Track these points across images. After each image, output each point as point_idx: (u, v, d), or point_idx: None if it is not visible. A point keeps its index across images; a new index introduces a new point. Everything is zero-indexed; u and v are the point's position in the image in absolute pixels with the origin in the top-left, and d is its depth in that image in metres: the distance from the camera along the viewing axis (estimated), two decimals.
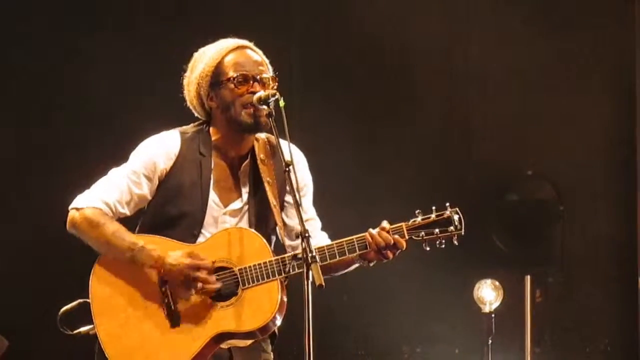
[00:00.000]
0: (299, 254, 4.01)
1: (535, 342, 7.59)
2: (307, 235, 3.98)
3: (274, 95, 4.23)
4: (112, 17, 7.65)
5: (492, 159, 7.85)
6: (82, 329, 4.34)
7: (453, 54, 8.01)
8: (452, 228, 4.29)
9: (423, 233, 4.28)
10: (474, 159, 7.95)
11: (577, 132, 7.76)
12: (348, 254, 4.27)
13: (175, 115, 4.55)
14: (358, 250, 4.27)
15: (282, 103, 4.20)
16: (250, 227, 4.37)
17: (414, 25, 7.78)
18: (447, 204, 4.31)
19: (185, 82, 4.46)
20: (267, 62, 4.41)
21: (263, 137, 4.48)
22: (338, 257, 4.25)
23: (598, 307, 7.72)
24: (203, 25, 6.91)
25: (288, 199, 4.45)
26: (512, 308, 7.51)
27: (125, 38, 7.52)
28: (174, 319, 4.24)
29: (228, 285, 4.26)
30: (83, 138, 7.39)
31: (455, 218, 4.30)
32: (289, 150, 4.15)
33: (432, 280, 7.45)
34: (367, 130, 7.89)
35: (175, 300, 4.26)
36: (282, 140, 4.25)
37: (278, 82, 4.36)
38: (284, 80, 4.44)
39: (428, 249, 4.31)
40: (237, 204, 4.40)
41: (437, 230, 4.28)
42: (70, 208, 4.34)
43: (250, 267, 4.25)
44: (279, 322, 4.28)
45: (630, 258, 7.56)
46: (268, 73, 4.37)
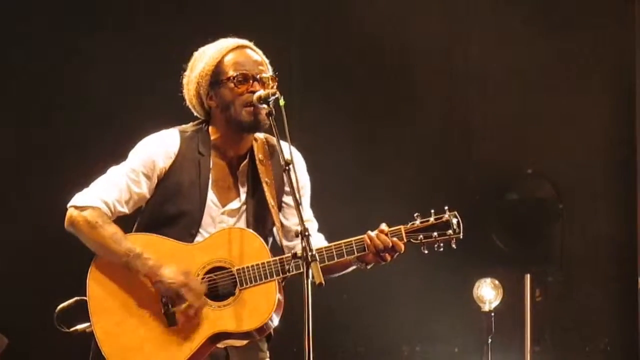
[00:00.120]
0: (299, 254, 4.00)
1: (535, 341, 7.59)
2: (307, 234, 3.97)
3: (274, 94, 4.23)
4: (112, 17, 7.65)
5: (492, 159, 7.85)
6: (78, 327, 4.33)
7: (453, 54, 8.01)
8: (450, 232, 4.29)
9: (421, 236, 4.28)
10: (474, 159, 7.95)
11: (577, 132, 7.76)
12: (346, 256, 4.26)
13: (175, 115, 4.55)
14: (356, 253, 4.27)
15: (282, 102, 4.20)
16: (248, 227, 4.36)
17: (414, 25, 7.78)
18: (445, 207, 4.31)
19: (185, 81, 4.46)
20: (266, 61, 4.41)
21: (261, 137, 4.48)
22: (336, 258, 4.25)
23: (598, 306, 7.72)
24: (203, 25, 6.89)
25: (286, 200, 4.45)
26: (511, 307, 7.51)
27: (125, 38, 7.52)
28: (171, 318, 4.23)
29: (225, 286, 4.26)
30: (83, 138, 7.38)
31: (454, 222, 4.30)
32: (289, 150, 4.15)
33: (431, 279, 7.45)
34: (367, 130, 7.89)
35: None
36: (281, 141, 4.24)
37: (278, 81, 4.36)
38: (284, 80, 4.44)
39: (426, 252, 4.31)
40: (235, 204, 4.40)
41: (435, 234, 4.28)
42: (69, 206, 4.33)
43: (249, 267, 4.24)
44: (276, 322, 4.28)
45: (630, 258, 7.55)
46: (268, 72, 4.37)
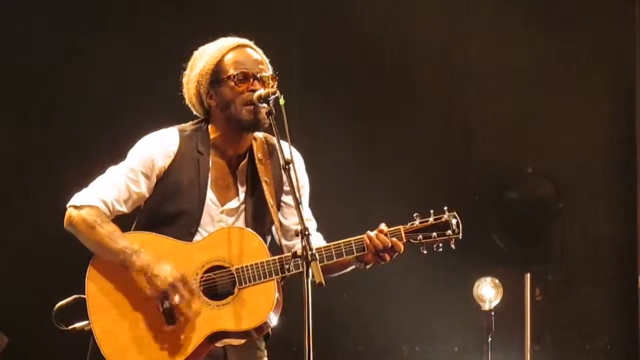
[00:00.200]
0: (299, 252, 3.99)
1: (535, 340, 7.59)
2: (307, 233, 3.96)
3: (274, 94, 4.22)
4: (112, 17, 7.65)
5: (492, 159, 7.86)
6: (77, 325, 4.33)
7: (453, 54, 8.01)
8: (449, 232, 4.28)
9: (421, 236, 4.27)
10: (474, 159, 7.95)
11: (577, 132, 7.76)
12: (345, 256, 4.26)
13: (175, 115, 4.54)
14: (355, 252, 4.26)
15: (282, 101, 4.19)
16: (247, 226, 4.36)
17: (414, 25, 7.79)
18: (445, 208, 4.30)
19: (185, 80, 4.45)
20: (267, 60, 4.40)
21: (261, 136, 4.47)
22: (335, 258, 4.25)
23: (598, 305, 7.72)
24: (203, 25, 6.87)
25: (285, 199, 4.45)
26: (511, 306, 7.51)
27: (125, 38, 7.52)
28: (169, 318, 4.22)
29: (224, 285, 4.25)
30: (83, 138, 7.38)
31: (453, 222, 4.29)
32: (289, 149, 4.15)
33: (431, 279, 7.45)
34: (367, 130, 7.89)
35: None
36: (281, 140, 4.23)
37: (278, 80, 4.36)
38: (284, 80, 4.43)
39: (425, 252, 4.30)
40: (234, 203, 4.39)
41: (434, 234, 4.27)
42: (68, 206, 4.33)
43: (248, 266, 4.24)
44: (275, 322, 4.27)
45: (630, 257, 7.56)
46: (268, 72, 4.36)
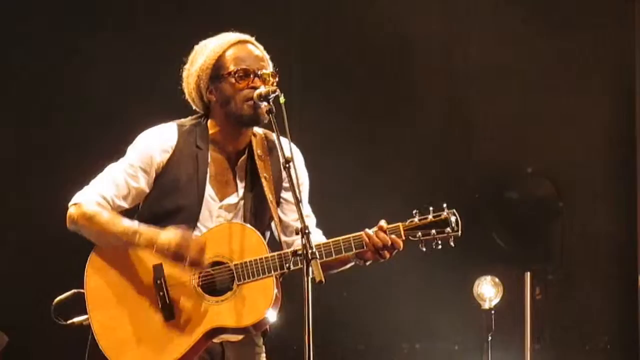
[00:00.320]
0: (300, 250, 3.99)
1: (535, 339, 7.59)
2: (307, 232, 3.95)
3: (275, 92, 4.22)
4: (112, 17, 7.65)
5: (492, 159, 7.86)
6: (75, 319, 4.34)
7: (453, 54, 8.01)
8: (449, 229, 4.26)
9: (420, 234, 4.25)
10: (474, 159, 7.95)
11: (577, 132, 7.76)
12: (344, 252, 4.25)
13: (176, 115, 4.54)
14: (355, 249, 4.25)
15: (282, 100, 4.19)
16: (245, 222, 4.35)
17: (414, 25, 7.78)
18: (444, 205, 4.29)
19: (185, 74, 4.45)
20: (267, 57, 4.40)
21: (260, 132, 4.47)
22: (334, 255, 4.23)
23: (598, 304, 7.72)
24: (203, 26, 6.79)
25: (284, 196, 4.45)
26: (511, 305, 7.51)
27: (125, 38, 7.52)
28: (168, 313, 4.22)
29: (223, 281, 4.25)
30: (83, 138, 7.38)
31: (452, 219, 4.27)
32: (289, 147, 4.15)
33: (431, 277, 7.44)
34: (367, 130, 7.89)
35: (170, 294, 4.24)
36: (280, 137, 4.23)
37: (278, 78, 4.36)
38: (284, 80, 4.43)
39: (424, 250, 4.29)
40: (232, 199, 4.38)
41: (433, 231, 4.25)
42: (69, 205, 4.34)
43: (247, 262, 4.23)
44: (274, 318, 4.26)
45: (630, 256, 7.56)
46: (268, 69, 4.35)
